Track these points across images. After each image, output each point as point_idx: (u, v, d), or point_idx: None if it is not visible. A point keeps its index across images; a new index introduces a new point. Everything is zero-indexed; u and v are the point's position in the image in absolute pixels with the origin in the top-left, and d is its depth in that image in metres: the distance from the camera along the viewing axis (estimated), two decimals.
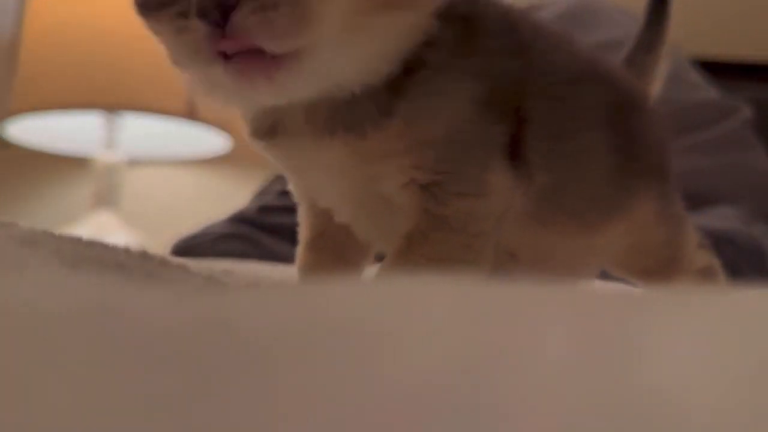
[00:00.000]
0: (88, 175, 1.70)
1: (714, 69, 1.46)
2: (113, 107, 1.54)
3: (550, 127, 0.47)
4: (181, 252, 1.18)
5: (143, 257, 0.45)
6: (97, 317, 0.19)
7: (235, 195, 1.68)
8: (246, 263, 0.89)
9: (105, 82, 1.52)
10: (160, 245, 1.31)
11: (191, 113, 1.56)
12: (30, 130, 1.67)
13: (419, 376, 0.17)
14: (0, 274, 0.31)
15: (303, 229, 0.53)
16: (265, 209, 1.27)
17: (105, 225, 1.55)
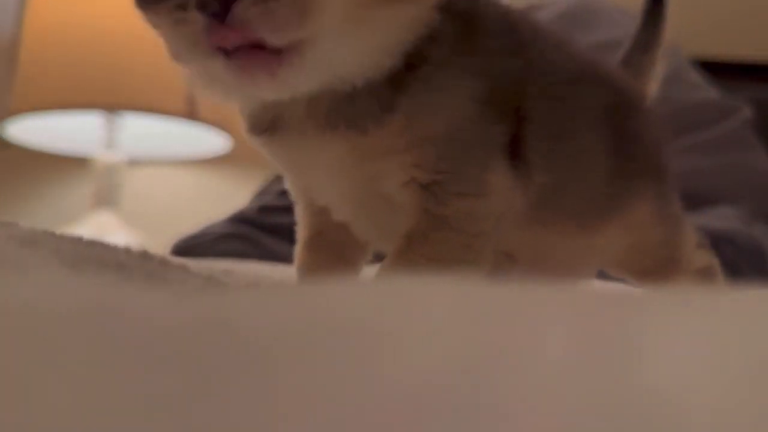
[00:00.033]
0: (88, 175, 1.70)
1: (714, 69, 1.46)
2: (113, 107, 1.55)
3: (550, 127, 0.47)
4: (181, 252, 1.18)
5: (143, 257, 0.45)
6: (97, 317, 0.19)
7: (235, 195, 1.68)
8: (246, 263, 0.89)
9: (105, 82, 1.52)
10: (160, 245, 1.31)
11: (191, 113, 1.56)
12: (30, 130, 1.67)
13: (419, 376, 0.17)
14: (0, 274, 0.31)
15: (301, 228, 0.53)
16: (265, 209, 1.27)
17: (105, 225, 1.55)
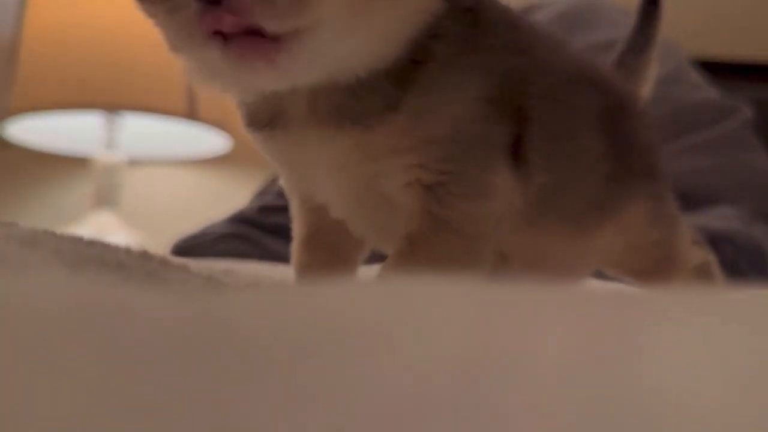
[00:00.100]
0: (88, 175, 1.70)
1: (714, 69, 1.46)
2: (113, 107, 1.55)
3: (550, 128, 0.47)
4: (181, 252, 1.18)
5: (144, 257, 0.45)
6: (97, 317, 0.19)
7: (235, 195, 1.68)
8: (246, 263, 0.89)
9: (105, 82, 1.52)
10: (160, 245, 1.31)
11: (191, 113, 1.56)
12: (30, 130, 1.67)
13: (419, 376, 0.17)
14: (0, 274, 0.31)
15: (297, 226, 0.52)
16: (265, 209, 1.27)
17: (105, 225, 1.55)
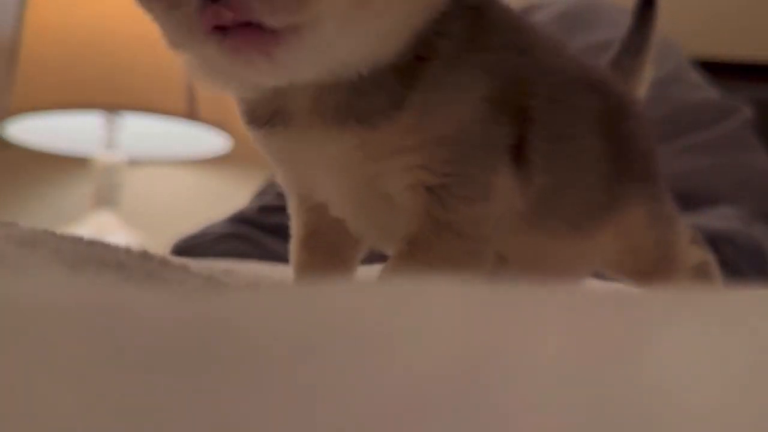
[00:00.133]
0: (88, 175, 1.70)
1: (714, 69, 1.46)
2: (113, 107, 1.55)
3: (551, 129, 0.47)
4: (182, 252, 1.18)
5: (144, 257, 0.45)
6: (97, 317, 0.19)
7: (235, 195, 1.68)
8: (246, 263, 0.89)
9: (105, 82, 1.52)
10: (160, 245, 1.31)
11: (191, 113, 1.56)
12: (30, 130, 1.67)
13: (419, 376, 0.17)
14: (0, 274, 0.31)
15: (295, 225, 0.51)
16: (265, 209, 1.27)
17: (105, 225, 1.55)
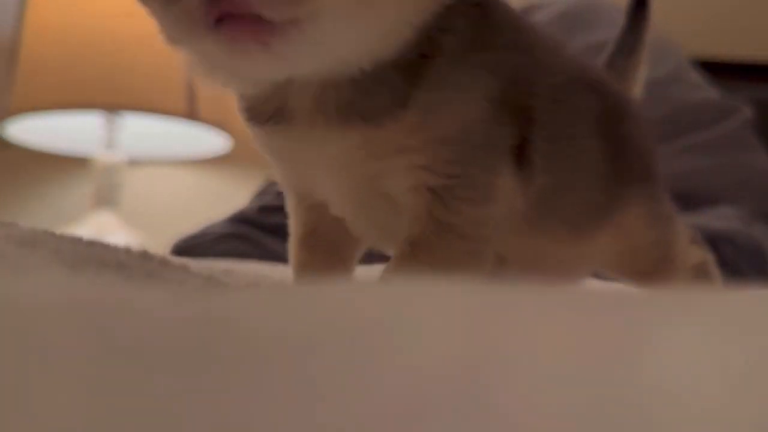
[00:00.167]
0: (88, 175, 1.70)
1: (714, 69, 1.46)
2: (113, 107, 1.55)
3: (552, 129, 0.47)
4: (182, 252, 1.18)
5: (144, 257, 0.45)
6: (97, 317, 0.19)
7: (235, 195, 1.68)
8: (246, 263, 0.89)
9: (105, 82, 1.52)
10: (160, 245, 1.31)
11: (191, 113, 1.56)
12: (30, 130, 1.67)
13: (420, 376, 0.17)
14: (0, 274, 0.31)
15: (294, 224, 0.51)
16: (265, 209, 1.27)
17: (105, 225, 1.55)
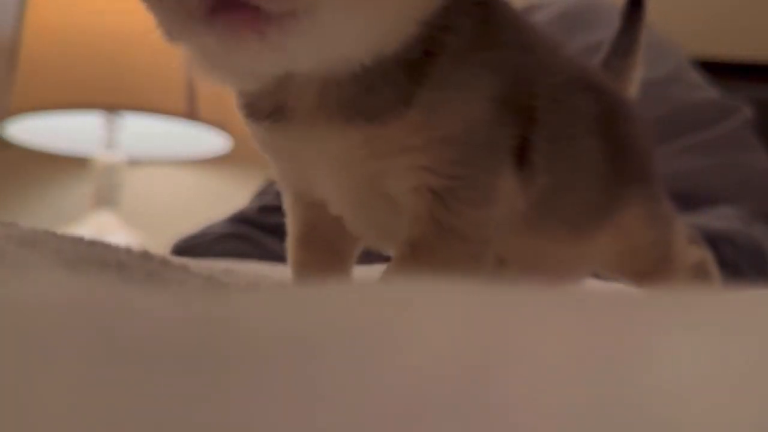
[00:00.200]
0: (88, 175, 1.70)
1: (714, 69, 1.46)
2: (113, 107, 1.55)
3: (553, 129, 0.47)
4: (182, 252, 1.18)
5: (144, 257, 0.45)
6: (98, 317, 0.19)
7: (235, 195, 1.68)
8: (246, 263, 0.89)
9: (105, 82, 1.52)
10: (160, 245, 1.31)
11: (191, 113, 1.56)
12: (30, 130, 1.67)
13: (420, 376, 0.17)
14: (0, 274, 0.31)
15: (291, 222, 0.51)
16: (265, 209, 1.27)
17: (105, 225, 1.55)
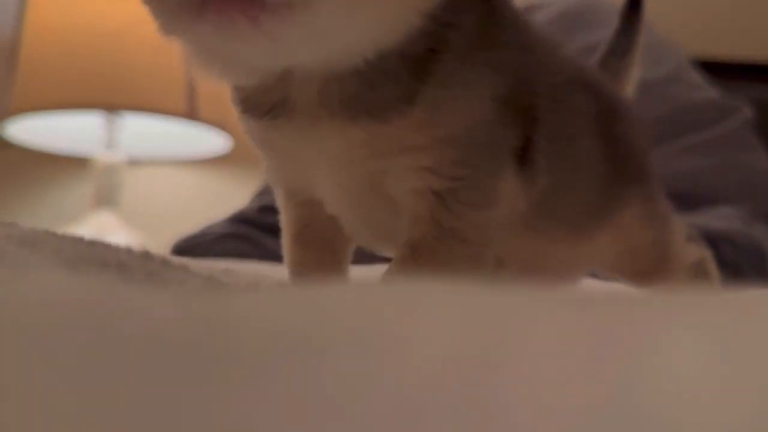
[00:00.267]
0: (88, 175, 1.70)
1: (714, 69, 1.46)
2: (113, 107, 1.55)
3: (554, 129, 0.46)
4: (182, 252, 1.18)
5: (144, 257, 0.45)
6: (98, 317, 0.19)
7: (235, 195, 1.68)
8: (246, 263, 0.88)
9: (105, 82, 1.52)
10: (160, 245, 1.31)
11: (191, 113, 1.56)
12: (30, 130, 1.67)
13: (420, 377, 0.17)
14: (0, 273, 0.31)
15: (286, 220, 0.50)
16: (265, 209, 1.27)
17: (105, 225, 1.55)
